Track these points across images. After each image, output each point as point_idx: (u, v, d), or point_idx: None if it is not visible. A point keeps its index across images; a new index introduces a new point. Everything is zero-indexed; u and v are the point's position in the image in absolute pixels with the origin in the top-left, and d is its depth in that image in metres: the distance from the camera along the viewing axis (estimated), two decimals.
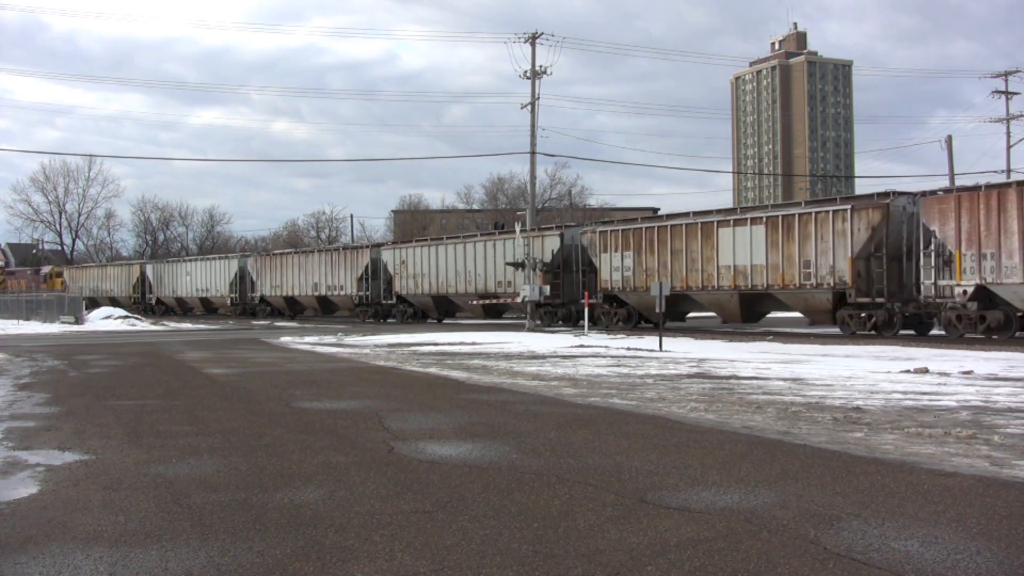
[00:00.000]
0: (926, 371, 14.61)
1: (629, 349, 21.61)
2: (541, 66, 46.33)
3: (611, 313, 33.30)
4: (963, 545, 4.84)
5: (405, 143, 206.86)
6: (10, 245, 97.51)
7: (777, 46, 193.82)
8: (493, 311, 39.91)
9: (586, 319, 31.73)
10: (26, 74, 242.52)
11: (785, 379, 13.85)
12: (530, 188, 44.27)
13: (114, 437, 8.96)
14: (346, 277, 45.23)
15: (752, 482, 6.44)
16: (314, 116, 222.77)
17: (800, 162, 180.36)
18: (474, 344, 24.27)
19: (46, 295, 52.48)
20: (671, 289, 27.94)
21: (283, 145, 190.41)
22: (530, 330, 32.29)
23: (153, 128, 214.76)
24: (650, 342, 23.48)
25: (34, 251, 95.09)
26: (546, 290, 34.18)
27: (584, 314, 31.87)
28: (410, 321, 42.20)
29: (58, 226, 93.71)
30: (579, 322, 35.12)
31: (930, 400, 11.07)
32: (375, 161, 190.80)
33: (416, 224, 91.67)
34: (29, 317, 47.27)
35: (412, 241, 45.07)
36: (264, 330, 36.92)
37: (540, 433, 8.78)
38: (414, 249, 42.19)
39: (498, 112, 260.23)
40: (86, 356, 21.74)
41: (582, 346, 23.00)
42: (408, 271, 41.90)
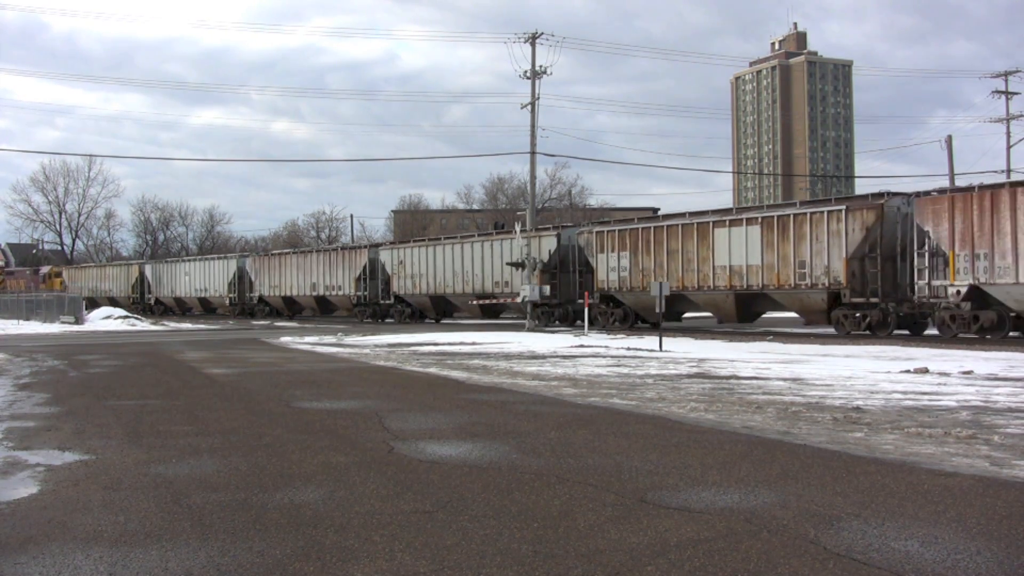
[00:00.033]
0: (926, 371, 14.62)
1: (629, 349, 21.62)
2: (541, 66, 46.32)
3: (608, 313, 33.33)
4: (963, 545, 4.84)
5: (405, 143, 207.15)
6: (10, 245, 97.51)
7: (777, 46, 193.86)
8: (490, 311, 39.98)
9: (586, 319, 31.75)
10: (26, 74, 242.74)
11: (785, 379, 13.86)
12: (530, 188, 44.28)
13: (114, 437, 8.96)
14: (344, 277, 45.27)
15: (752, 482, 6.45)
16: (314, 116, 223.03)
17: (800, 162, 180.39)
18: (474, 344, 24.27)
19: (45, 295, 52.46)
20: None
21: (283, 145, 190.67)
22: (530, 330, 32.31)
23: (153, 128, 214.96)
24: (650, 342, 23.49)
25: (34, 251, 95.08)
26: (546, 290, 34.25)
27: (584, 314, 31.90)
28: (407, 321, 42.22)
29: (58, 226, 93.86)
30: (576, 322, 35.26)
31: (930, 400, 11.07)
32: (375, 161, 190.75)
33: (416, 224, 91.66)
34: (29, 317, 47.29)
35: (410, 241, 45.10)
36: (264, 330, 36.93)
37: (540, 433, 8.79)
38: (412, 249, 42.23)
39: (498, 112, 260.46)
40: (86, 356, 21.74)
41: (582, 346, 23.00)
42: (406, 271, 41.93)
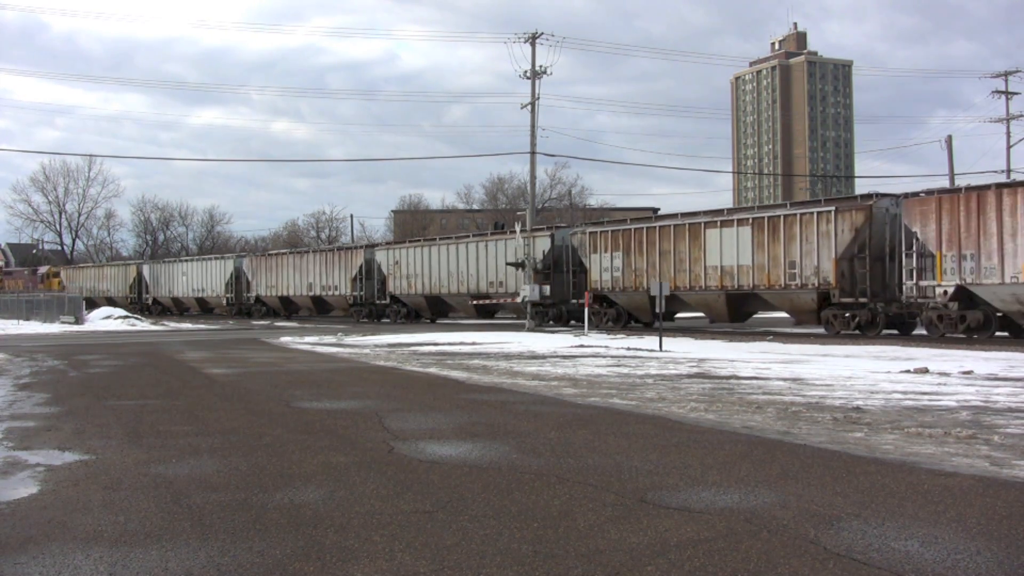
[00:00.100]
0: (926, 371, 14.63)
1: (629, 349, 21.63)
2: (541, 66, 46.19)
3: (601, 313, 33.40)
4: (963, 545, 4.84)
5: (405, 143, 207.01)
6: (10, 245, 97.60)
7: (777, 46, 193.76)
8: (485, 311, 40.15)
9: (586, 319, 31.79)
10: (26, 74, 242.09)
11: (785, 379, 13.86)
12: (530, 188, 44.24)
13: (114, 437, 8.96)
14: (340, 277, 45.35)
15: (752, 482, 6.44)
16: (314, 116, 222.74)
17: (800, 162, 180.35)
18: (474, 344, 24.28)
19: (44, 295, 52.45)
20: None
21: (283, 145, 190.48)
22: (530, 330, 32.35)
23: (153, 128, 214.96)
24: (650, 342, 23.49)
25: (34, 251, 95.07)
26: (546, 290, 34.33)
27: (584, 314, 31.97)
28: (403, 321, 42.30)
29: (58, 226, 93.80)
30: (570, 322, 35.49)
31: (930, 400, 11.08)
32: (375, 161, 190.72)
33: (416, 224, 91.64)
34: (29, 317, 47.28)
35: (405, 242, 45.20)
36: (264, 330, 36.94)
37: (540, 433, 8.79)
38: (407, 250, 42.34)
39: (498, 112, 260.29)
40: (86, 356, 21.74)
41: (582, 346, 23.01)
42: (402, 271, 42.02)
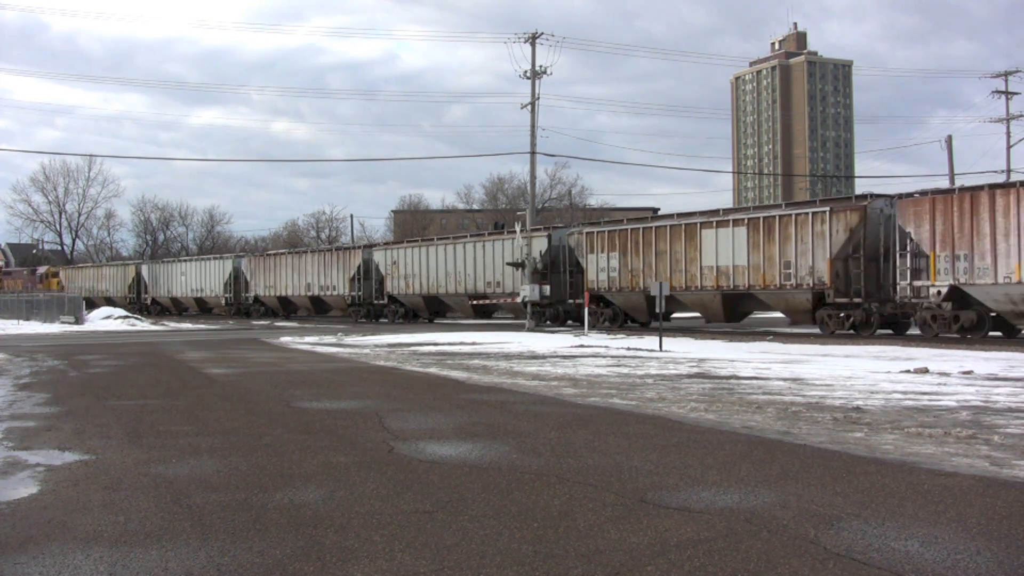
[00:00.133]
0: (926, 371, 14.62)
1: (629, 349, 21.63)
2: (541, 66, 46.28)
3: (597, 313, 33.41)
4: (963, 545, 4.84)
5: (405, 143, 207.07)
6: (10, 245, 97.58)
7: (777, 46, 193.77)
8: (482, 311, 40.23)
9: (585, 319, 31.79)
10: (26, 74, 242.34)
11: (785, 379, 13.86)
12: (530, 188, 44.29)
13: (114, 437, 8.96)
14: (338, 277, 45.41)
15: (752, 482, 6.44)
16: (314, 116, 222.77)
17: (800, 162, 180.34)
18: (474, 344, 24.28)
19: (44, 295, 52.44)
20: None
21: (283, 145, 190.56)
22: (529, 330, 32.35)
23: (153, 128, 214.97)
24: (650, 342, 23.49)
25: (34, 251, 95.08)
26: (546, 290, 34.34)
27: (584, 314, 31.96)
28: (400, 321, 42.34)
29: (58, 226, 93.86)
30: (567, 322, 35.59)
31: (930, 400, 11.07)
32: (375, 161, 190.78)
33: (416, 224, 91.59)
34: (29, 317, 47.27)
35: (403, 242, 45.25)
36: (263, 330, 36.93)
37: (540, 433, 8.79)
38: (405, 250, 42.38)
39: (498, 112, 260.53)
40: (86, 356, 21.73)
41: (582, 346, 23.01)
42: (399, 271, 42.06)
